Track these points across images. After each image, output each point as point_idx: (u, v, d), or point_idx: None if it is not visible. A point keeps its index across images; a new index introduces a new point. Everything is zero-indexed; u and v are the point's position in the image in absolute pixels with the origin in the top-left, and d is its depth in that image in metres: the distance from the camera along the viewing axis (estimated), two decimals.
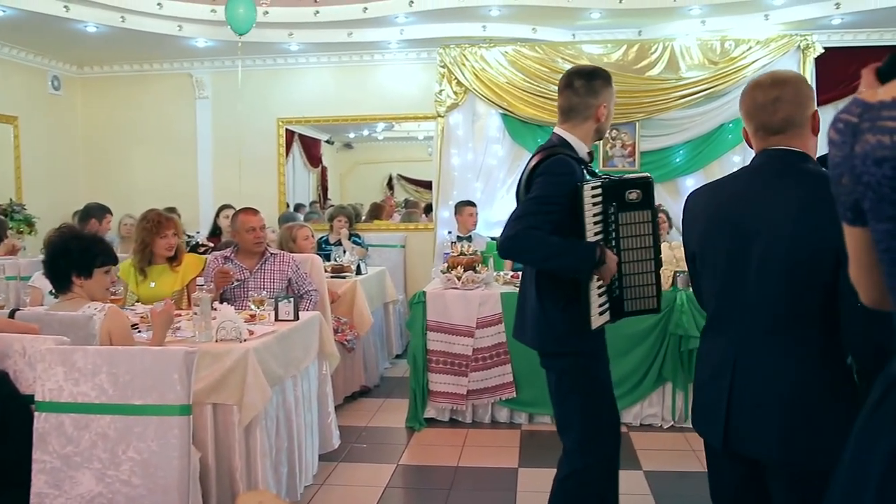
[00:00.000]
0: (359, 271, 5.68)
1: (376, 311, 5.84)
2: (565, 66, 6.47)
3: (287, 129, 7.66)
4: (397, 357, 6.49)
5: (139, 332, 3.30)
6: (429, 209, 7.72)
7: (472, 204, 6.39)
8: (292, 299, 3.62)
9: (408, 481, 3.94)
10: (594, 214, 2.43)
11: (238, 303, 4.07)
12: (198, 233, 6.57)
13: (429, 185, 7.60)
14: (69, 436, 2.32)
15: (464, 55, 6.72)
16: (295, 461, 3.44)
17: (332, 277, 5.35)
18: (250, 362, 2.99)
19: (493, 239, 6.21)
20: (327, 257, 5.90)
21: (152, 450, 2.29)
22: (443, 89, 6.82)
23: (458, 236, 6.09)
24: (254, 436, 3.07)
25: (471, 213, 6.33)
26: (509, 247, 2.45)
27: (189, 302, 4.07)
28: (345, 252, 6.04)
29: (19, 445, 2.33)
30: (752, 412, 1.83)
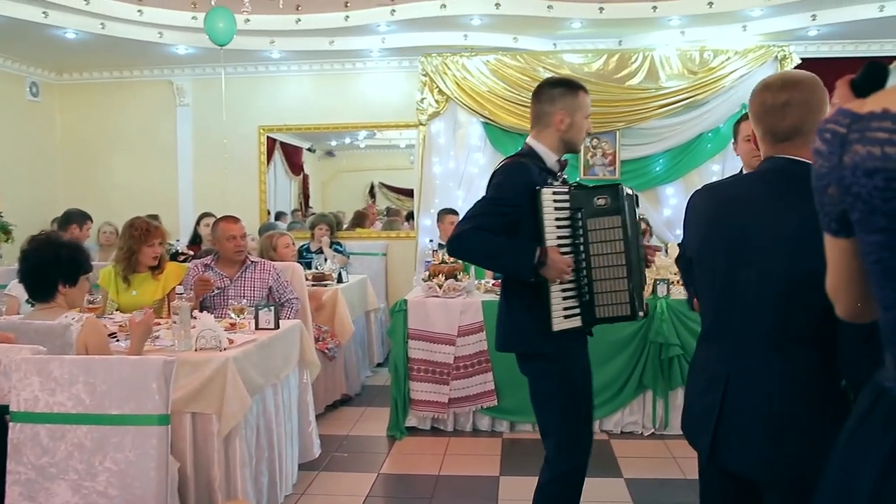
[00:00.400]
0: (340, 279, 5.67)
1: (358, 320, 5.82)
2: (546, 75, 6.50)
3: (268, 137, 7.64)
4: (379, 365, 6.47)
5: (117, 340, 3.27)
6: (410, 217, 7.72)
7: (454, 212, 6.40)
8: (273, 308, 3.60)
9: (389, 490, 3.92)
10: (557, 219, 2.48)
11: (218, 311, 4.04)
12: (177, 241, 6.52)
13: (411, 194, 7.61)
14: (45, 446, 2.29)
15: (445, 64, 6.74)
16: (275, 470, 3.42)
17: (313, 286, 5.33)
18: (230, 371, 2.97)
19: None
20: (308, 265, 5.88)
21: (130, 460, 2.26)
22: (424, 98, 6.83)
23: (440, 244, 6.09)
24: (233, 445, 3.05)
25: (452, 222, 6.33)
26: (456, 246, 2.52)
27: (170, 311, 4.04)
28: (326, 260, 6.02)
29: None
30: (740, 428, 1.79)
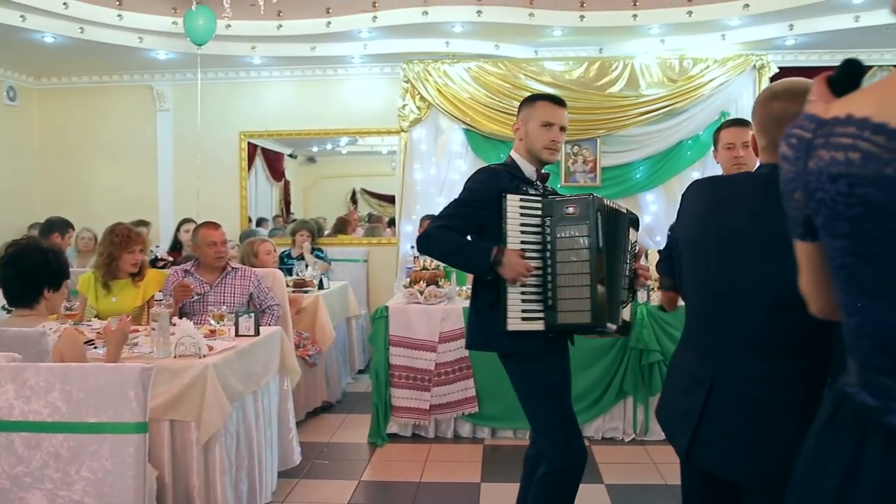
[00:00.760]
0: (321, 286, 5.65)
1: (339, 326, 5.80)
2: (528, 82, 6.54)
3: (249, 143, 7.61)
4: (360, 372, 6.46)
5: (95, 347, 3.23)
6: (392, 223, 7.71)
7: None
8: (253, 314, 3.58)
9: (370, 497, 3.90)
10: (523, 225, 2.59)
11: (197, 317, 4.02)
12: (157, 247, 6.48)
13: (392, 200, 7.60)
14: (19, 455, 2.26)
15: (427, 70, 6.75)
16: (255, 478, 3.39)
17: (294, 292, 5.31)
18: (209, 378, 2.95)
19: None
20: (289, 272, 5.86)
21: (106, 469, 2.24)
22: (406, 104, 6.83)
23: None
24: (212, 453, 3.02)
25: None
26: (423, 243, 2.68)
27: (149, 318, 4.01)
28: (307, 266, 6.01)
29: None
30: (723, 431, 1.80)
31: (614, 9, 6.10)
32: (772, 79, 6.49)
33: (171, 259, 6.00)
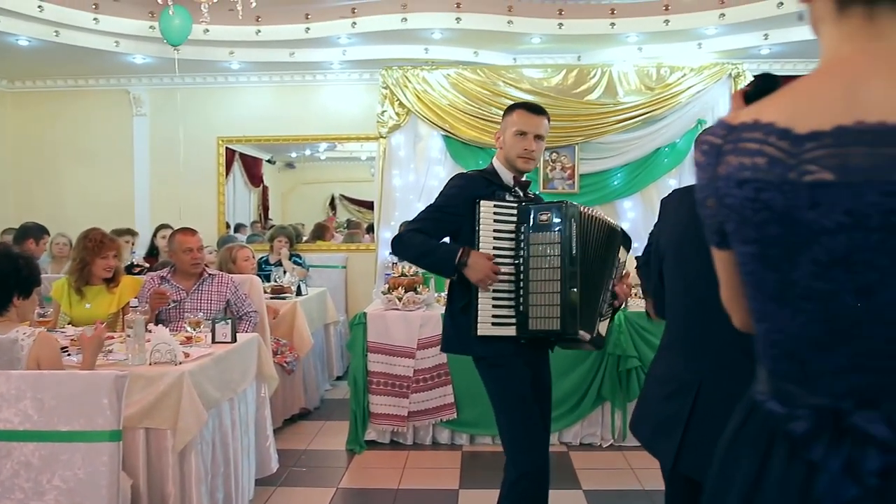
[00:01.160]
0: (299, 292, 5.62)
1: (317, 333, 5.77)
2: (507, 89, 6.57)
3: (227, 148, 7.56)
4: (338, 379, 6.42)
5: (69, 355, 3.19)
6: (371, 230, 7.70)
7: None
8: (230, 321, 3.55)
9: None
10: (496, 230, 2.62)
11: (174, 324, 3.98)
12: (134, 253, 6.41)
13: (371, 206, 7.59)
14: None
15: (406, 77, 6.76)
16: (231, 486, 3.36)
17: (271, 298, 5.28)
18: (185, 385, 2.92)
19: None
20: (267, 278, 5.83)
21: (79, 478, 2.21)
22: (385, 110, 6.84)
23: None
24: (188, 461, 2.99)
25: None
26: (396, 244, 2.73)
27: (124, 324, 3.97)
28: (285, 273, 5.98)
29: None
30: (710, 436, 1.80)
31: (592, 17, 6.15)
32: None
33: (147, 265, 5.94)
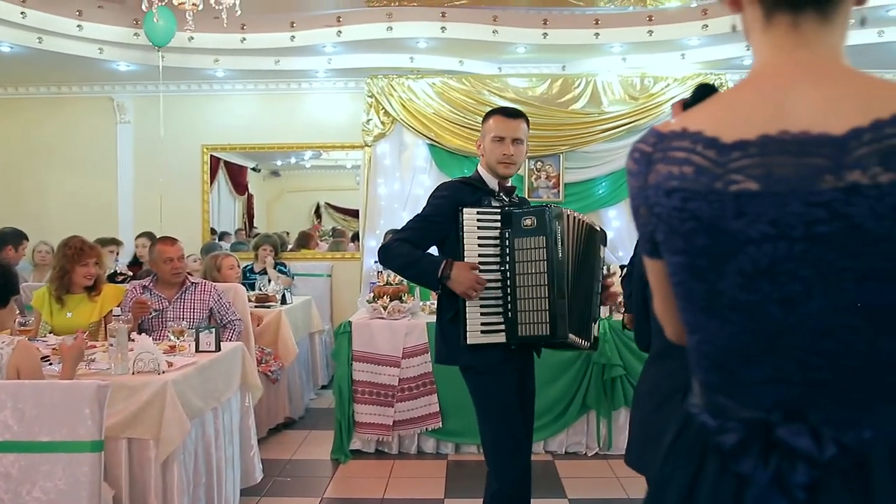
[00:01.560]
0: (284, 301, 5.60)
1: (301, 341, 5.75)
2: (491, 98, 6.59)
3: (212, 156, 7.52)
4: (323, 388, 6.40)
5: (50, 364, 3.16)
6: (356, 238, 7.68)
7: None
8: (214, 330, 3.53)
9: None
10: (480, 238, 2.62)
11: (156, 333, 3.95)
12: (117, 261, 6.36)
13: (356, 214, 7.58)
14: None
15: (391, 86, 6.77)
16: (215, 496, 3.33)
17: (256, 307, 5.26)
18: (169, 395, 2.90)
19: None
20: (252, 286, 5.80)
21: (60, 489, 2.19)
22: (370, 119, 6.84)
23: None
24: (171, 471, 2.97)
25: None
26: (381, 254, 2.73)
27: (106, 333, 3.93)
28: (270, 281, 5.96)
29: None
30: None
31: (576, 27, 6.18)
32: None
33: (131, 273, 5.90)
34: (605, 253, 2.85)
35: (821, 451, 0.94)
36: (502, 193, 2.77)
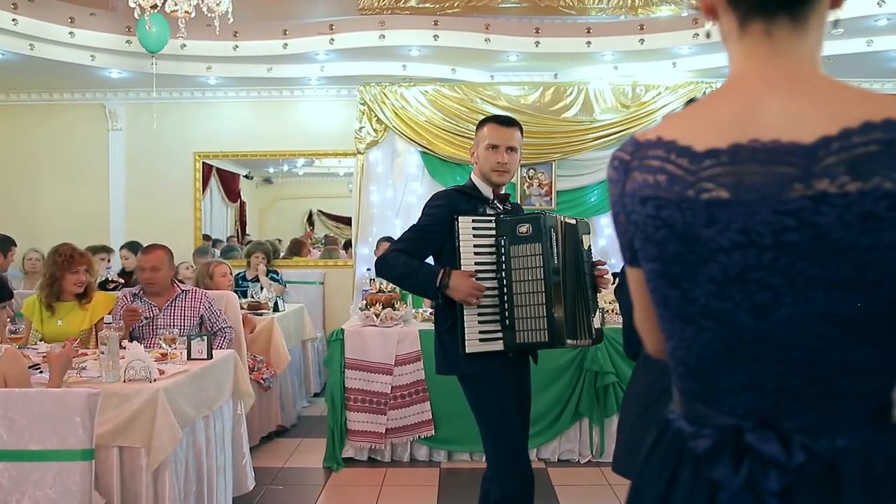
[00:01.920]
0: (276, 308, 5.59)
1: (294, 349, 5.74)
2: (484, 106, 6.61)
3: (204, 164, 7.51)
4: (315, 395, 6.38)
5: (40, 372, 3.14)
6: (348, 245, 7.67)
7: (392, 240, 6.38)
8: (206, 337, 3.52)
9: None
10: (476, 246, 2.62)
11: (147, 341, 3.93)
12: (109, 269, 6.34)
13: (349, 222, 7.57)
14: None
15: (384, 93, 6.78)
16: None
17: (248, 314, 5.24)
18: (160, 403, 2.88)
19: None
20: (244, 294, 5.79)
21: (50, 498, 2.17)
22: (363, 126, 6.85)
23: None
24: (163, 479, 2.95)
25: None
26: (379, 265, 2.73)
27: (97, 341, 3.91)
28: (262, 289, 5.94)
29: None
30: None
31: (568, 35, 6.21)
32: None
33: (121, 281, 5.88)
34: (588, 241, 2.83)
35: (789, 457, 0.94)
36: (497, 201, 2.79)
